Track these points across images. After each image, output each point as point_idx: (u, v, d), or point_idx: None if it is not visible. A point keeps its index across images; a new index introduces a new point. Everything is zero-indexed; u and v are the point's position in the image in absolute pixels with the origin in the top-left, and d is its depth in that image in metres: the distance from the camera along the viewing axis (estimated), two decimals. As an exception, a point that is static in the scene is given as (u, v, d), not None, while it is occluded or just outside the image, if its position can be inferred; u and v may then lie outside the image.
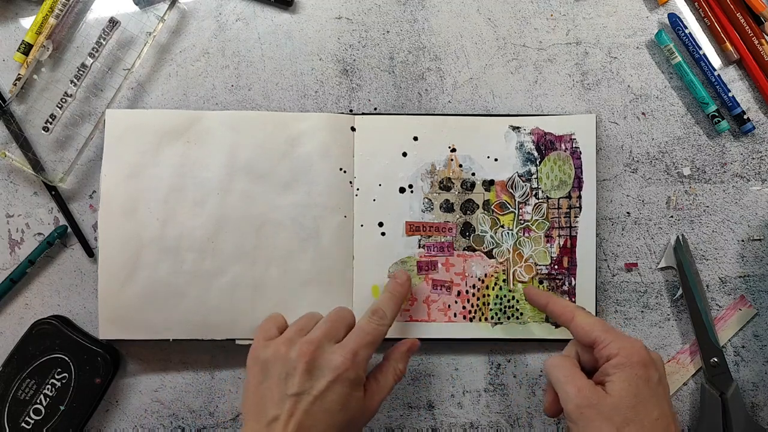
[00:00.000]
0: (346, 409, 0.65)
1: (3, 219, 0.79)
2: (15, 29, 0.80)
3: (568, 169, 0.77)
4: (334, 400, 0.65)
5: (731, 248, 0.80)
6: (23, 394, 0.75)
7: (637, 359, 0.63)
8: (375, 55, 0.80)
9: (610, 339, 0.65)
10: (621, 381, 0.63)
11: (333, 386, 0.65)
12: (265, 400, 0.66)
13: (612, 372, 0.63)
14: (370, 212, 0.78)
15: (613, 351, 0.64)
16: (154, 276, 0.76)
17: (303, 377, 0.65)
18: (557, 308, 0.71)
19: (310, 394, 0.64)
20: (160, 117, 0.77)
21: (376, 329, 0.70)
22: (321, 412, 0.64)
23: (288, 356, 0.66)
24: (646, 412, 0.62)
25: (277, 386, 0.66)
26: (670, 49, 0.78)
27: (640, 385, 0.62)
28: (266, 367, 0.67)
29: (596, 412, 0.62)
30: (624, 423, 0.61)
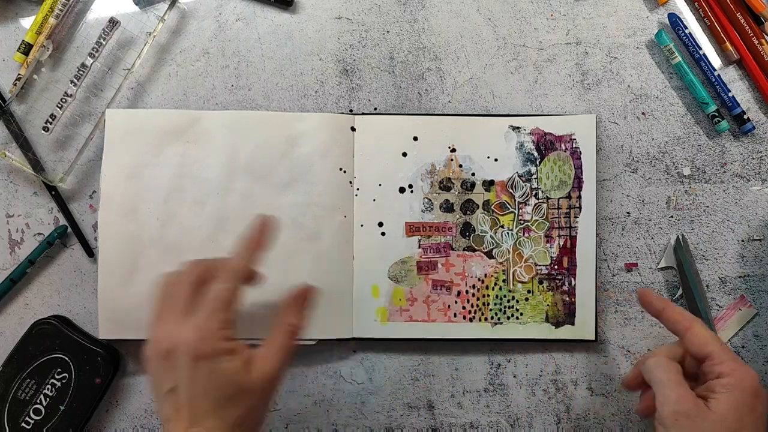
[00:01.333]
0: (224, 384, 0.60)
1: (3, 219, 0.79)
2: (15, 29, 0.80)
3: (568, 169, 0.77)
4: (204, 381, 0.60)
5: (731, 248, 0.80)
6: (23, 394, 0.75)
7: (749, 385, 0.62)
8: (375, 55, 0.80)
9: (726, 358, 0.64)
10: (728, 402, 0.62)
11: (196, 369, 0.60)
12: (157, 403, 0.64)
13: (720, 391, 0.62)
14: (370, 212, 0.78)
15: (726, 370, 0.63)
16: (154, 276, 0.75)
17: (166, 373, 0.61)
18: (675, 315, 0.69)
19: (182, 387, 0.60)
20: (160, 117, 0.77)
21: (221, 291, 0.63)
22: (201, 396, 0.60)
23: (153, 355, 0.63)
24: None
25: (157, 389, 0.63)
26: (670, 49, 0.78)
27: (745, 413, 0.61)
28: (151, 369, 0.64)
29: (693, 424, 0.61)
30: None
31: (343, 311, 0.77)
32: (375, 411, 0.80)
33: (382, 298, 0.77)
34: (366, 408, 0.80)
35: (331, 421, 0.80)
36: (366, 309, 0.78)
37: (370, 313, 0.78)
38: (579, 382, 0.80)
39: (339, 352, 0.80)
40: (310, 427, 0.80)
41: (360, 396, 0.80)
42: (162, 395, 0.61)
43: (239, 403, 0.61)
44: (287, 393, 0.79)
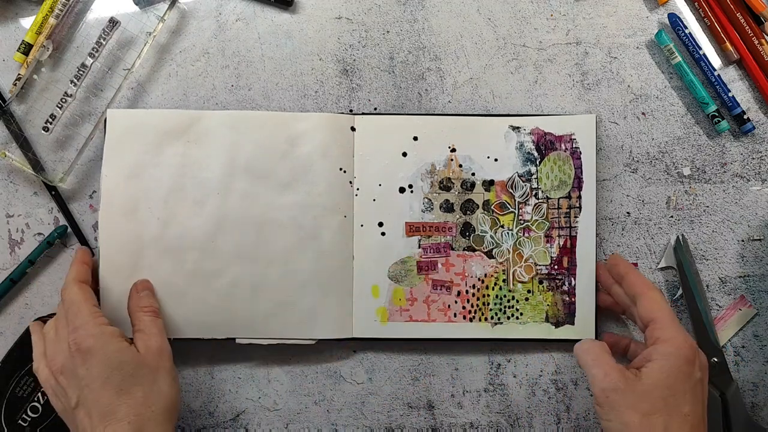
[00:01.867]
0: (117, 365, 0.65)
1: (3, 219, 0.79)
2: (15, 29, 0.80)
3: (568, 169, 0.77)
4: (98, 371, 0.65)
5: (731, 248, 0.80)
6: (21, 392, 0.75)
7: (684, 353, 0.63)
8: (375, 55, 0.80)
9: (668, 325, 0.65)
10: (660, 370, 0.63)
11: (87, 363, 0.65)
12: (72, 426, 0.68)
13: (654, 358, 0.63)
14: (370, 212, 0.78)
15: (664, 336, 0.64)
16: (154, 276, 0.76)
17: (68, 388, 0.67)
18: (636, 279, 0.71)
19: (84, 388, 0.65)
20: (160, 117, 0.77)
21: (65, 293, 0.70)
22: (102, 388, 0.64)
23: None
24: (677, 406, 0.62)
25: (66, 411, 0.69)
26: (670, 49, 0.78)
27: (678, 379, 0.62)
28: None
29: (622, 397, 0.62)
30: (651, 411, 0.61)
31: (343, 311, 0.77)
32: (375, 411, 0.80)
33: (382, 298, 0.77)
34: (366, 408, 0.80)
35: (331, 421, 0.80)
36: (366, 309, 0.78)
37: (370, 313, 0.78)
38: (579, 382, 0.80)
39: (339, 352, 0.80)
40: (310, 427, 0.80)
41: (360, 396, 0.80)
42: (71, 413, 0.66)
43: (138, 381, 0.65)
44: (287, 393, 0.80)
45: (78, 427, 0.66)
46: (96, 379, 0.64)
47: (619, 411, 0.62)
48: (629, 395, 0.62)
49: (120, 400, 0.64)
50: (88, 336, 0.65)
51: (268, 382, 0.80)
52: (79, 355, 0.65)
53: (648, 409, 0.61)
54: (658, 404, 0.61)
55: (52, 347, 0.68)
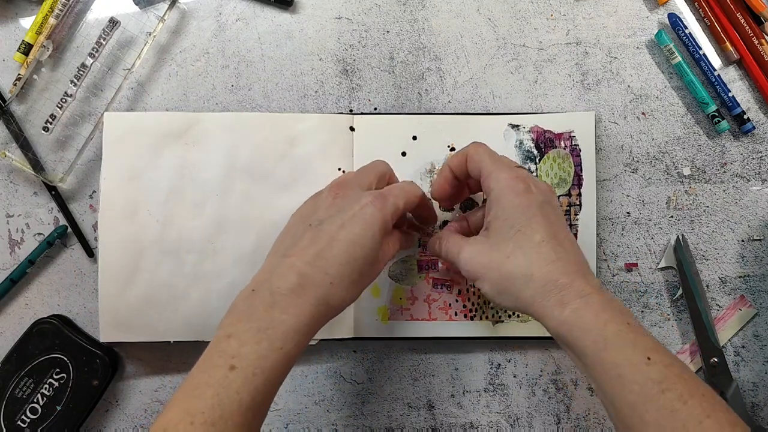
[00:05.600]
0: (366, 247, 0.61)
1: (3, 219, 0.79)
2: (15, 29, 0.80)
3: (567, 166, 0.77)
4: (357, 233, 0.61)
5: (731, 248, 0.80)
6: (21, 393, 0.75)
7: (512, 187, 0.62)
8: (375, 55, 0.80)
9: (494, 169, 0.63)
10: (496, 217, 0.62)
11: (357, 219, 0.62)
12: (288, 235, 0.65)
13: (491, 207, 0.63)
14: (369, 212, 0.78)
15: (492, 183, 0.63)
16: (154, 278, 0.76)
17: (329, 209, 0.64)
18: (455, 159, 0.69)
19: (332, 224, 0.62)
20: (158, 119, 0.77)
21: (410, 186, 0.67)
22: (342, 241, 0.61)
23: (318, 197, 0.67)
24: (526, 239, 0.60)
25: (302, 221, 0.65)
26: (670, 49, 0.78)
27: (516, 215, 0.61)
28: (298, 211, 0.68)
29: (480, 264, 0.62)
30: (504, 258, 0.61)
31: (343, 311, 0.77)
32: (375, 411, 0.80)
33: (382, 298, 0.77)
34: (366, 408, 0.80)
35: (331, 421, 0.80)
36: (366, 308, 0.78)
37: (371, 313, 0.78)
38: (579, 382, 0.80)
39: (339, 352, 0.80)
40: (310, 427, 0.80)
41: (360, 396, 0.80)
42: (299, 230, 0.64)
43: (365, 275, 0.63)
44: (287, 393, 0.79)
45: (284, 237, 0.65)
46: (343, 233, 0.61)
47: (483, 273, 0.62)
48: (484, 255, 0.62)
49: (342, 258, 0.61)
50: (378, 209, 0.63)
51: (268, 383, 0.80)
52: (354, 207, 0.63)
53: (502, 258, 0.61)
54: (508, 248, 0.60)
55: (355, 175, 0.68)
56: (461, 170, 0.68)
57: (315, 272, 0.60)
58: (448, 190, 0.70)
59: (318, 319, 0.61)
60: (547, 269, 0.60)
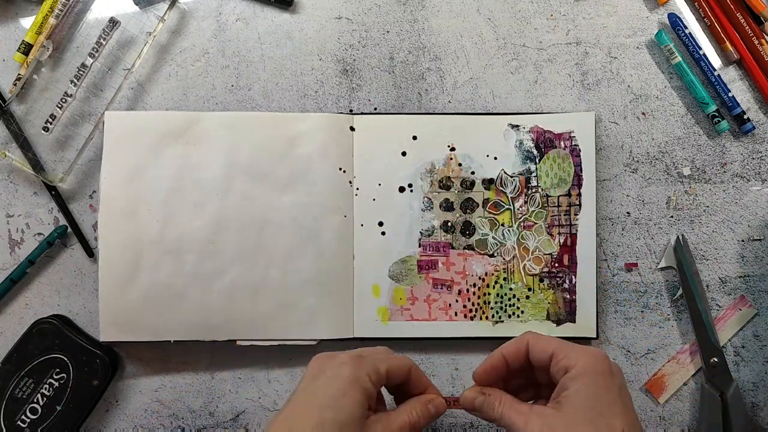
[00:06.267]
0: (337, 408, 0.59)
1: (3, 219, 0.79)
2: (15, 29, 0.80)
3: (567, 166, 0.77)
4: (328, 395, 0.59)
5: (731, 248, 0.80)
6: (21, 393, 0.75)
7: (598, 368, 0.58)
8: (375, 55, 0.80)
9: (568, 351, 0.60)
10: (578, 394, 0.58)
11: (328, 381, 0.60)
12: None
13: (569, 385, 0.58)
14: (369, 212, 0.78)
15: (571, 362, 0.59)
16: (154, 278, 0.76)
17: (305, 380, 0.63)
18: (508, 346, 0.65)
19: (305, 391, 0.61)
20: (158, 119, 0.77)
21: (396, 357, 0.66)
22: (312, 407, 0.59)
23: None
24: (607, 423, 0.57)
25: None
26: (670, 49, 0.78)
27: (600, 395, 0.58)
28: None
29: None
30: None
31: (343, 311, 0.77)
32: (375, 411, 0.80)
33: (382, 298, 0.77)
34: (366, 408, 0.80)
35: (331, 422, 0.80)
36: (367, 308, 0.78)
37: (371, 313, 0.78)
38: (579, 382, 0.80)
39: (339, 352, 0.80)
40: (310, 427, 0.80)
41: (360, 396, 0.80)
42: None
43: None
44: (287, 393, 0.79)
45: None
46: (311, 394, 0.61)
47: None
48: (560, 430, 0.57)
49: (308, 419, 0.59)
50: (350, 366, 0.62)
51: (268, 383, 0.80)
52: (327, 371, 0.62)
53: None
54: (588, 429, 0.56)
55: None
56: (516, 357, 0.65)
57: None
58: (493, 376, 0.66)
59: None
60: None
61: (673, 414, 0.80)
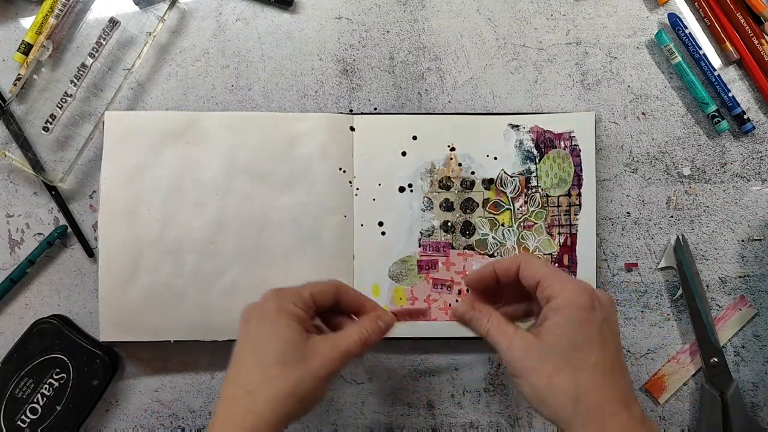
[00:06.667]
0: (273, 339, 0.61)
1: (3, 219, 0.79)
2: (15, 29, 0.80)
3: (567, 166, 0.77)
4: (258, 333, 0.62)
5: (731, 248, 0.80)
6: (21, 393, 0.75)
7: (576, 302, 0.59)
8: (375, 55, 0.80)
9: (555, 280, 0.61)
10: (556, 326, 0.59)
11: (256, 320, 0.63)
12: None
13: (549, 316, 0.60)
14: (369, 212, 0.78)
15: (554, 292, 0.60)
16: (154, 278, 0.76)
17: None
18: (503, 262, 0.66)
19: (239, 341, 0.63)
20: (158, 119, 0.77)
21: (321, 282, 0.67)
22: (247, 350, 0.62)
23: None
24: (582, 358, 0.58)
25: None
26: (670, 49, 0.78)
27: (576, 329, 0.58)
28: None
29: (526, 367, 0.60)
30: (555, 371, 0.58)
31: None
32: (375, 411, 0.80)
33: (382, 298, 0.77)
34: (366, 408, 0.80)
35: (331, 421, 0.80)
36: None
37: (371, 313, 0.78)
38: (579, 382, 0.80)
39: (339, 352, 0.80)
40: (310, 427, 0.80)
41: (360, 396, 0.80)
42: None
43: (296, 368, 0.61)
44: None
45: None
46: (245, 335, 0.63)
47: (527, 376, 0.59)
48: (532, 360, 0.59)
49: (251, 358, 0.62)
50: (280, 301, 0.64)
51: (268, 382, 0.80)
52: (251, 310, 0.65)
53: (551, 370, 0.58)
54: (560, 363, 0.58)
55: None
56: (507, 275, 0.66)
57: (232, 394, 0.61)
58: (482, 285, 0.68)
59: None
60: (595, 395, 0.58)
61: (673, 414, 0.80)
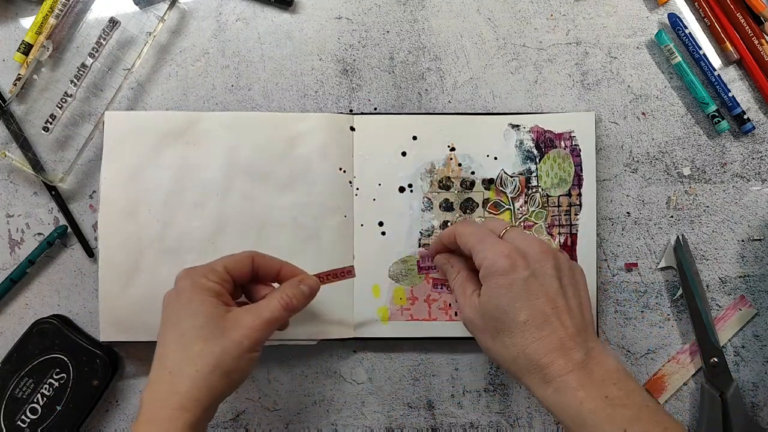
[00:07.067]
0: (190, 316, 0.62)
1: (3, 219, 0.79)
2: (15, 29, 0.80)
3: (567, 166, 0.77)
4: (177, 313, 0.63)
5: (731, 248, 0.80)
6: (21, 393, 0.75)
7: (496, 268, 0.62)
8: (375, 55, 0.80)
9: (479, 249, 0.65)
10: (484, 293, 0.63)
11: (174, 303, 0.64)
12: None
13: (483, 282, 0.64)
14: (369, 212, 0.78)
15: (479, 260, 0.64)
16: (154, 278, 0.76)
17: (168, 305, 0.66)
18: (446, 235, 0.72)
19: (162, 324, 0.65)
20: (159, 119, 0.77)
21: (228, 256, 0.68)
22: (169, 330, 0.63)
23: None
24: (511, 319, 0.61)
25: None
26: (670, 49, 0.78)
27: (500, 294, 0.62)
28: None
29: (475, 328, 0.65)
30: (495, 332, 0.63)
31: (343, 311, 0.77)
32: (375, 411, 0.80)
33: (382, 298, 0.77)
34: (366, 408, 0.80)
35: (331, 421, 0.80)
36: (367, 308, 0.78)
37: (371, 313, 0.78)
38: (579, 382, 0.80)
39: (339, 352, 0.80)
40: (310, 427, 0.80)
41: (360, 396, 0.80)
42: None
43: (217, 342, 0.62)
44: (287, 393, 0.79)
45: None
46: (167, 315, 0.65)
47: (478, 336, 0.66)
48: (479, 322, 0.64)
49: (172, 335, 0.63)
50: (194, 277, 0.65)
51: (268, 382, 0.80)
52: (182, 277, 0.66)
53: (492, 332, 0.63)
54: (497, 324, 0.62)
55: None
56: (452, 243, 0.71)
57: (156, 378, 0.62)
58: (437, 253, 0.75)
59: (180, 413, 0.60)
60: (530, 350, 0.61)
61: (673, 414, 0.80)
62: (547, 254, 0.64)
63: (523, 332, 0.61)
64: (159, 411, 0.59)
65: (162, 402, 0.60)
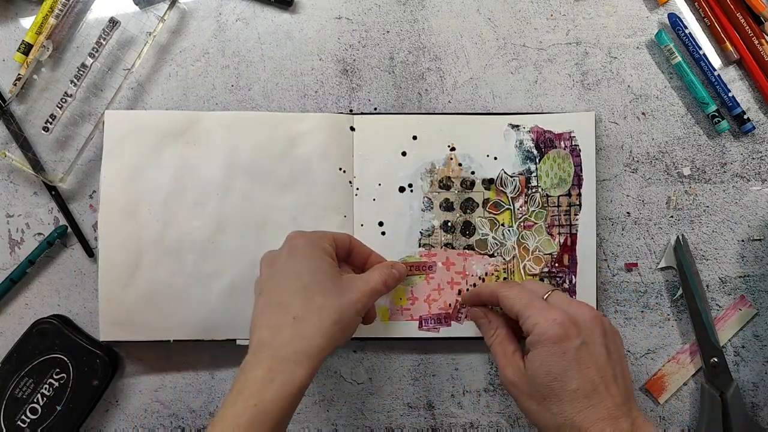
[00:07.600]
0: (312, 271, 0.66)
1: (3, 219, 0.79)
2: (15, 29, 0.80)
3: (567, 166, 0.77)
4: (292, 269, 0.66)
5: (731, 248, 0.80)
6: (20, 393, 0.75)
7: (549, 336, 0.63)
8: (375, 55, 0.80)
9: (529, 314, 0.65)
10: (534, 359, 0.64)
11: (288, 260, 0.67)
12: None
13: (530, 348, 0.64)
14: (370, 212, 0.78)
15: (529, 327, 0.65)
16: (154, 278, 0.76)
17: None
18: (485, 293, 0.72)
19: (265, 284, 0.67)
20: (159, 118, 0.77)
21: (335, 232, 0.72)
22: (279, 280, 0.66)
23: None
24: (562, 387, 0.62)
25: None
26: (670, 49, 0.78)
27: (552, 362, 0.63)
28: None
29: (518, 391, 0.65)
30: (541, 398, 0.63)
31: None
32: (375, 411, 0.80)
33: (382, 298, 0.77)
34: (366, 408, 0.80)
35: (331, 421, 0.80)
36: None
37: (371, 313, 0.78)
38: (579, 382, 0.80)
39: (339, 352, 0.80)
40: (310, 427, 0.80)
41: (360, 396, 0.80)
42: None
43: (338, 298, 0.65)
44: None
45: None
46: (279, 268, 0.67)
47: (520, 399, 0.65)
48: (523, 385, 0.65)
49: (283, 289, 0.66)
50: (311, 237, 0.69)
51: (268, 382, 0.80)
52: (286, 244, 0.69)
53: (539, 398, 0.63)
54: (546, 391, 0.63)
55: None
56: (491, 301, 0.72)
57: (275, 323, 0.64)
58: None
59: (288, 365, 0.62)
60: (578, 418, 0.61)
61: (673, 414, 0.80)
62: (596, 321, 0.65)
63: (572, 401, 0.62)
64: (282, 350, 0.62)
65: (285, 345, 0.62)
